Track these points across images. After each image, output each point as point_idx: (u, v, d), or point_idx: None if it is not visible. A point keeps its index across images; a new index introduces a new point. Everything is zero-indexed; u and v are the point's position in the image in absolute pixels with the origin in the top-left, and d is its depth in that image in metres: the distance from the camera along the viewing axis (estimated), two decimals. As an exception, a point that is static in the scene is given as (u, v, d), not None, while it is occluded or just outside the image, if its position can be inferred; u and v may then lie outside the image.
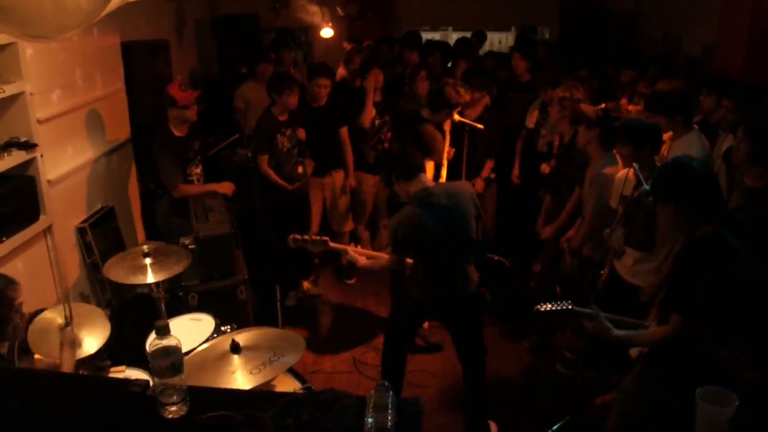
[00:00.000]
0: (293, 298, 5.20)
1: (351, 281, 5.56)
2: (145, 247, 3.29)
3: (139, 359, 2.82)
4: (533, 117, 5.31)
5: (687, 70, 5.42)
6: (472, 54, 6.57)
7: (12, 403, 1.66)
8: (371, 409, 1.50)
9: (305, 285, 5.32)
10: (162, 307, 3.25)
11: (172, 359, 1.60)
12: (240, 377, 2.31)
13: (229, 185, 4.47)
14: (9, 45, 3.40)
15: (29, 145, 3.54)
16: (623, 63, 5.73)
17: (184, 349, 1.68)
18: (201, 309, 3.41)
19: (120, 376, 2.77)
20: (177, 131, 4.25)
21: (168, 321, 1.87)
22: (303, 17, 7.53)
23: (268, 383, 2.42)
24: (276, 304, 4.52)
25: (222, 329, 3.06)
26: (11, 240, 3.40)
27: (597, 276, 3.56)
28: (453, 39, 8.11)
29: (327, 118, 5.04)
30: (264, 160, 4.77)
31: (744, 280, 1.91)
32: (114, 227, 4.59)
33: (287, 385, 2.75)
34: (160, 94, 4.51)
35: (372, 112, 5.20)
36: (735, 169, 3.46)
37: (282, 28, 8.15)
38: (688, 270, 2.44)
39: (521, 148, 5.42)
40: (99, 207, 4.48)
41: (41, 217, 3.69)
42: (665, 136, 3.62)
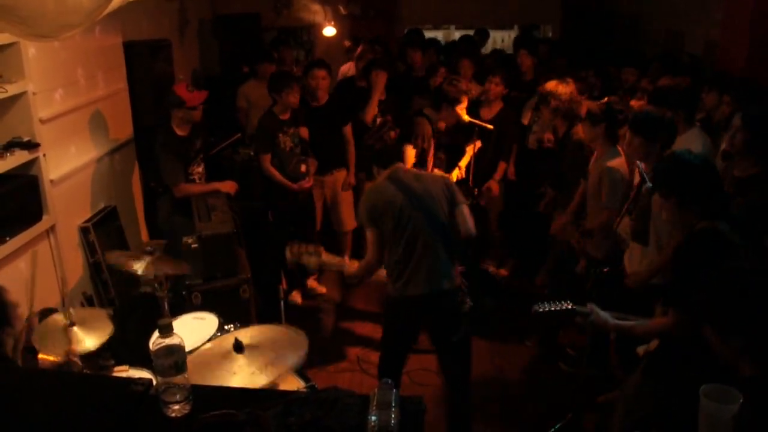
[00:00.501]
0: (298, 296, 5.21)
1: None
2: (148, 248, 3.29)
3: (142, 358, 2.82)
4: (528, 114, 5.34)
5: (690, 67, 5.41)
6: (475, 52, 6.57)
7: (15, 402, 1.66)
8: (374, 407, 1.48)
9: (310, 283, 5.32)
10: (165, 306, 3.24)
11: (175, 358, 1.60)
12: (243, 376, 2.30)
13: (232, 184, 4.47)
14: (11, 44, 3.39)
15: (32, 145, 3.54)
16: (625, 62, 5.71)
17: (187, 348, 1.68)
18: (204, 308, 3.40)
19: (123, 375, 2.77)
20: (179, 131, 4.25)
21: (171, 320, 1.87)
22: (305, 17, 7.51)
23: (271, 382, 2.42)
24: (279, 302, 4.52)
25: (225, 328, 3.06)
26: (14, 240, 3.40)
27: (600, 275, 3.55)
28: (456, 37, 8.11)
29: (328, 117, 5.03)
30: (266, 159, 4.76)
31: (741, 274, 1.91)
32: (117, 227, 4.58)
33: (290, 384, 2.74)
34: (162, 93, 4.51)
35: (375, 109, 5.19)
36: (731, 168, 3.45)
37: (283, 27, 8.16)
38: (687, 264, 2.44)
39: (517, 145, 5.41)
40: (102, 206, 4.48)
41: (44, 217, 3.68)
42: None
